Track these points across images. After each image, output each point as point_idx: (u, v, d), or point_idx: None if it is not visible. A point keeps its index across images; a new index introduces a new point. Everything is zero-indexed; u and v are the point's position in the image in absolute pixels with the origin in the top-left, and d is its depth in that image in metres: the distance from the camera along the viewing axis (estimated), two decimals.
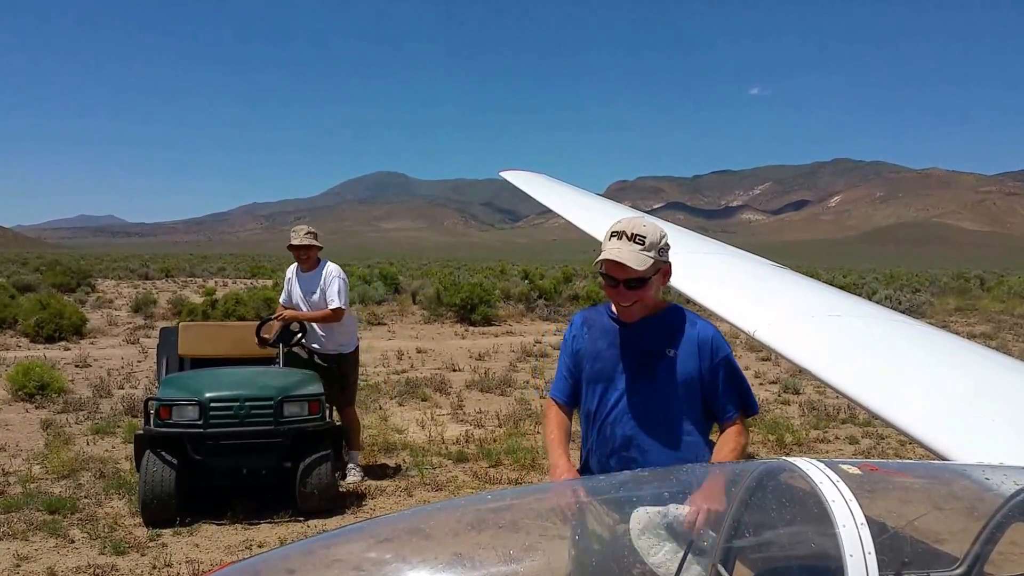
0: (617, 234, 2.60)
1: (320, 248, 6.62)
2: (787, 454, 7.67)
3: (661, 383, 2.62)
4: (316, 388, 5.86)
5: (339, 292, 6.48)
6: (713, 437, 2.79)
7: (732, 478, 2.19)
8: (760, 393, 11.00)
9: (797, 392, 11.24)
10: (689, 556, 2.02)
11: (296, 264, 6.69)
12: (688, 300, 4.82)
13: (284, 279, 6.86)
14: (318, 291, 6.50)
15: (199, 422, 5.42)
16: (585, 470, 2.75)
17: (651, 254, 2.57)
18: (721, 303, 4.65)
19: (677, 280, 5.33)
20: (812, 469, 1.87)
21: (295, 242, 6.54)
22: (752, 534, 2.10)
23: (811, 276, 5.64)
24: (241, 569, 1.97)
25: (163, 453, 5.41)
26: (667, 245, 2.66)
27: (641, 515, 2.14)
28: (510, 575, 1.91)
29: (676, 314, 2.71)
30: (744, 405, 2.70)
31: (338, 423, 6.12)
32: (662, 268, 2.65)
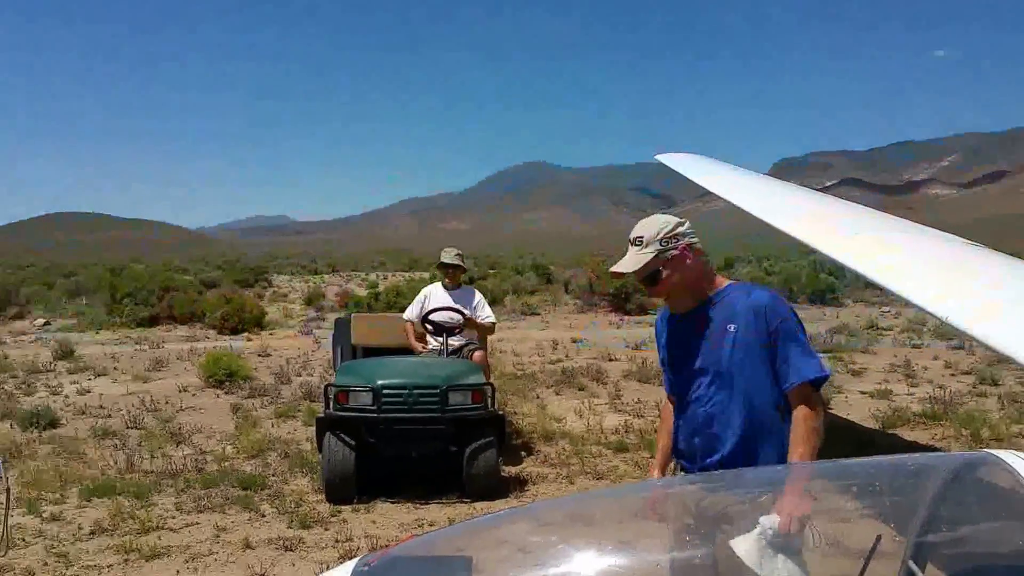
0: (629, 242, 2.79)
1: (465, 270, 7.37)
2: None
3: (728, 358, 2.69)
4: (479, 378, 6.13)
5: (490, 311, 7.31)
6: None
7: (928, 470, 2.14)
8: (952, 384, 10.27)
9: (995, 383, 10.37)
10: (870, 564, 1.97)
11: (438, 285, 7.24)
12: (867, 284, 4.60)
13: (419, 297, 7.28)
14: (469, 307, 7.03)
15: (373, 407, 5.78)
16: (675, 450, 2.91)
17: (648, 251, 2.70)
18: (908, 286, 4.38)
19: (857, 262, 5.00)
20: (1019, 463, 1.79)
21: (447, 260, 7.17)
22: (949, 531, 2.04)
23: (1011, 255, 5.12)
24: (417, 544, 2.14)
25: (342, 435, 5.81)
26: (673, 233, 2.72)
27: (741, 543, 2.17)
28: (676, 563, 1.93)
29: (732, 290, 2.79)
30: (807, 370, 2.65)
31: (501, 412, 6.34)
32: (672, 257, 2.71)
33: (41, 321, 20.00)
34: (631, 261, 2.73)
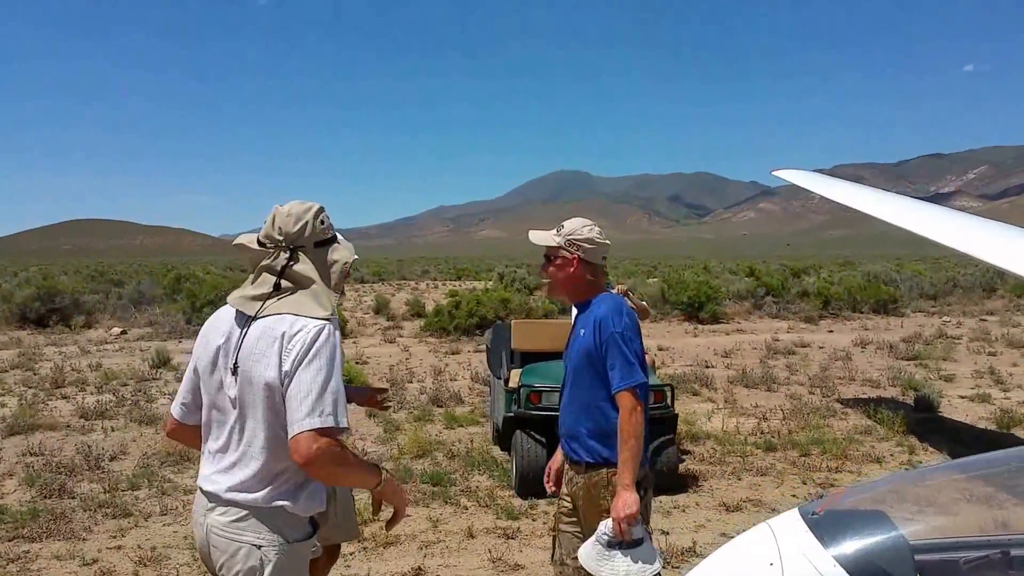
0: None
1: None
2: None
3: (575, 358, 3.10)
4: (658, 380, 6.47)
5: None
6: None
7: None
8: None
9: None
10: None
11: None
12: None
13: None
14: None
15: None
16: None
17: (558, 238, 3.09)
18: None
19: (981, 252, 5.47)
20: None
21: None
22: None
23: None
24: (845, 498, 2.59)
25: (532, 433, 6.21)
26: (578, 240, 3.07)
27: (581, 549, 2.83)
28: None
29: (599, 300, 3.11)
30: (622, 381, 2.93)
31: (677, 413, 6.69)
32: (565, 257, 3.07)
33: (117, 330, 20.15)
34: (544, 236, 3.14)
